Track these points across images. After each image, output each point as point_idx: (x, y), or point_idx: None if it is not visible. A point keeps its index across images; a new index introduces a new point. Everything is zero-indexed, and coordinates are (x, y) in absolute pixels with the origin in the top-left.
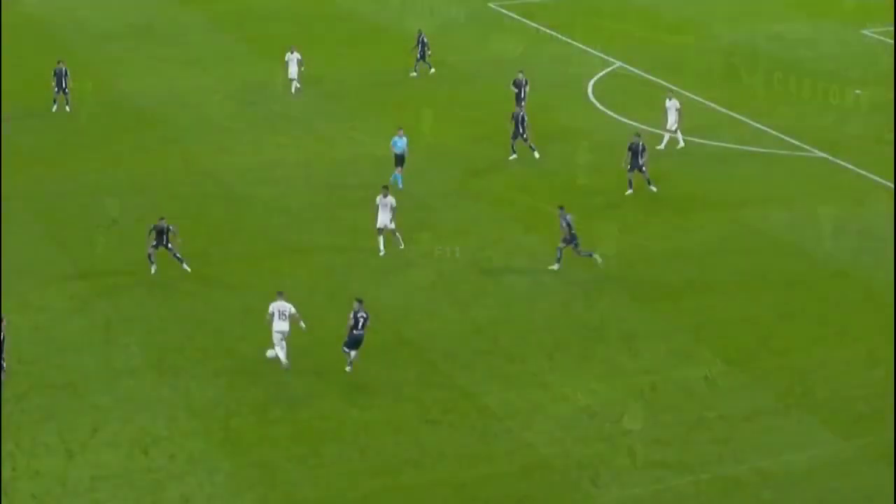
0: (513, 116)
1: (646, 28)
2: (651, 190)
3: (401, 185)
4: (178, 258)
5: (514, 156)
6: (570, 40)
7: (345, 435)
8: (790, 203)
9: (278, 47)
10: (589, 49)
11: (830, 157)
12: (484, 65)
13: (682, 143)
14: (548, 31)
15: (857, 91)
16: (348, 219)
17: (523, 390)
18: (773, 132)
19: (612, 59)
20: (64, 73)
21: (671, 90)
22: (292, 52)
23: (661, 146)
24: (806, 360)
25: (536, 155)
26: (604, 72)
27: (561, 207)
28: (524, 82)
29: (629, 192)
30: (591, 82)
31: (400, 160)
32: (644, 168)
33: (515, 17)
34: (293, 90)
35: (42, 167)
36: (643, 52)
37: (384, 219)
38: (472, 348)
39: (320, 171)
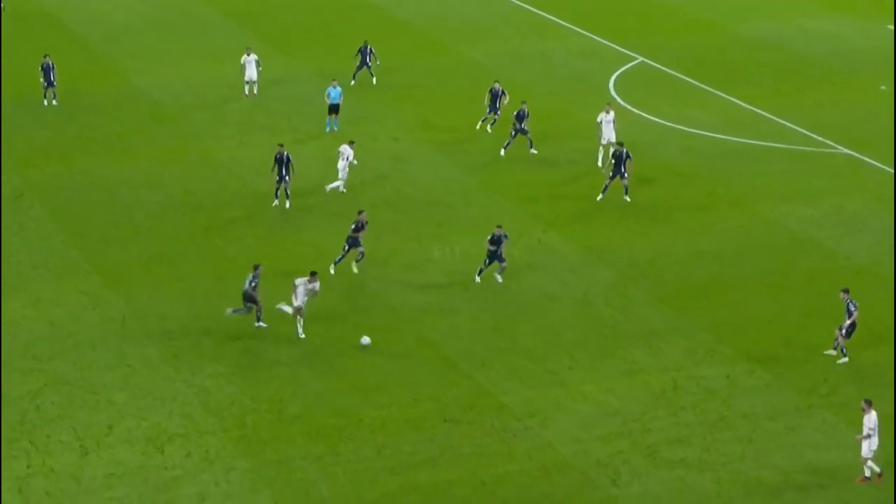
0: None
1: (668, 23)
2: (625, 200)
3: (336, 128)
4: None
5: (534, 151)
6: (591, 35)
7: (362, 433)
8: (813, 200)
9: (295, 41)
10: (610, 44)
11: (855, 154)
12: (502, 58)
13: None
14: (567, 24)
15: (883, 87)
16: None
17: (543, 389)
18: (797, 128)
19: (634, 55)
20: (51, 66)
21: (608, 103)
22: (249, 54)
23: (599, 163)
24: (829, 358)
25: (503, 152)
26: (626, 67)
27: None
28: (501, 92)
29: (600, 197)
30: (613, 78)
31: (334, 109)
32: (626, 176)
33: (534, 10)
34: (247, 92)
35: (57, 162)
36: (665, 47)
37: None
38: (490, 347)
39: (334, 168)
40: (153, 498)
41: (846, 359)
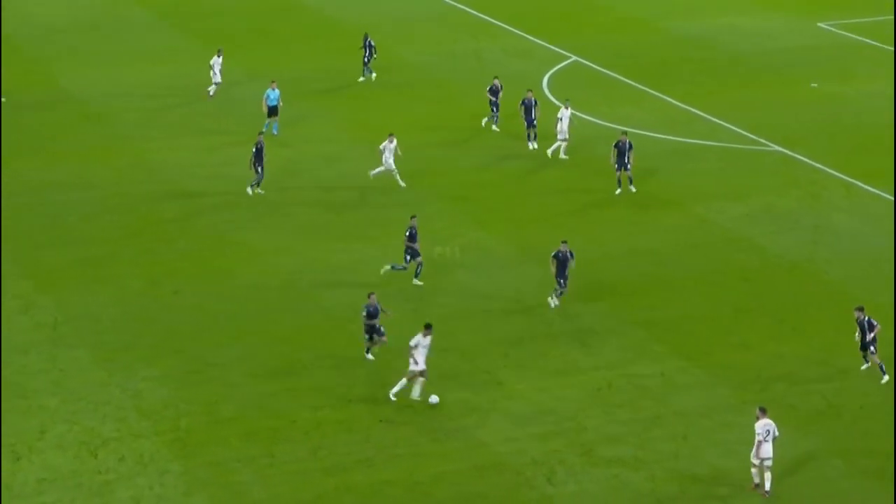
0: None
1: (601, 22)
2: (631, 190)
3: (276, 132)
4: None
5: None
6: (524, 34)
7: (296, 435)
8: (746, 197)
9: (227, 42)
10: (543, 43)
11: (787, 151)
12: (436, 57)
13: (564, 156)
14: (501, 24)
15: (814, 84)
16: (300, 216)
17: (477, 388)
18: (730, 126)
19: (568, 54)
20: None
21: (567, 100)
22: (219, 56)
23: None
24: (762, 355)
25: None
26: (559, 66)
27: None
28: (500, 87)
29: (618, 191)
30: (547, 77)
31: (273, 111)
32: (629, 166)
33: (468, 9)
34: (211, 93)
35: None
36: (599, 46)
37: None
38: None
39: (271, 169)
40: (86, 502)
41: (887, 377)
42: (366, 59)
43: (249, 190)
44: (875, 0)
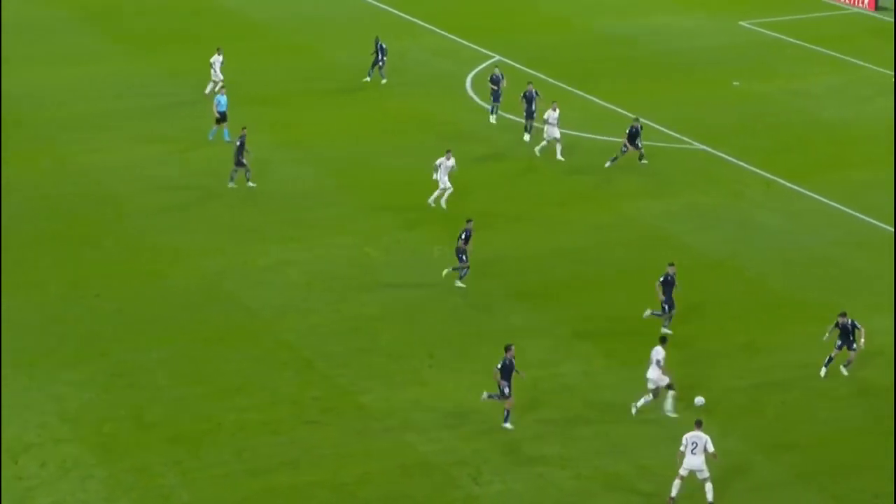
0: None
1: (525, 21)
2: (642, 164)
3: (227, 137)
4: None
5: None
6: (447, 34)
7: (221, 438)
8: (670, 195)
9: (149, 44)
10: (467, 42)
11: (709, 149)
12: (359, 57)
13: (560, 158)
14: (424, 24)
15: (736, 82)
16: (225, 218)
17: (403, 388)
18: (652, 124)
19: (491, 53)
20: None
21: (554, 101)
22: (219, 54)
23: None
24: (686, 351)
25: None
26: (483, 65)
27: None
28: (501, 77)
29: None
30: (470, 76)
31: (223, 117)
32: (639, 145)
33: (390, 9)
34: (207, 91)
35: None
36: (522, 45)
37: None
38: (350, 347)
39: (195, 170)
40: None
41: (825, 370)
42: (380, 63)
43: (231, 184)
44: None
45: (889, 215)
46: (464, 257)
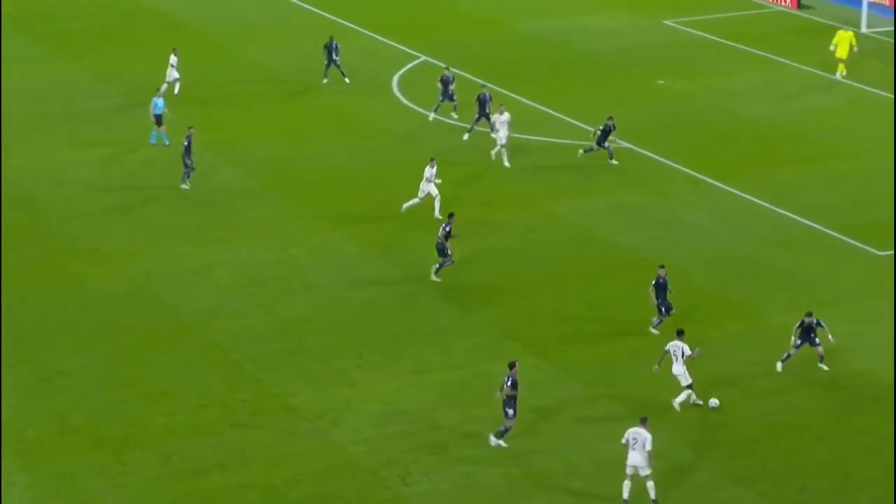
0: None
1: (450, 21)
2: (612, 164)
3: (166, 142)
4: None
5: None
6: (373, 34)
7: (148, 441)
8: (597, 195)
9: (74, 45)
10: (393, 43)
11: (635, 148)
12: (286, 58)
13: (507, 164)
14: (350, 24)
15: (661, 81)
16: (148, 221)
17: (331, 389)
18: (578, 123)
19: (418, 54)
20: None
21: (501, 104)
22: (174, 54)
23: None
24: (613, 350)
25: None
26: (409, 66)
27: None
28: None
29: (581, 153)
30: (397, 77)
31: (158, 120)
32: (608, 146)
33: (316, 10)
34: (176, 91)
35: None
36: (448, 45)
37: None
38: (278, 349)
39: (118, 173)
40: None
41: (780, 365)
42: (336, 63)
43: (184, 185)
44: None
45: (813, 212)
46: (447, 252)
